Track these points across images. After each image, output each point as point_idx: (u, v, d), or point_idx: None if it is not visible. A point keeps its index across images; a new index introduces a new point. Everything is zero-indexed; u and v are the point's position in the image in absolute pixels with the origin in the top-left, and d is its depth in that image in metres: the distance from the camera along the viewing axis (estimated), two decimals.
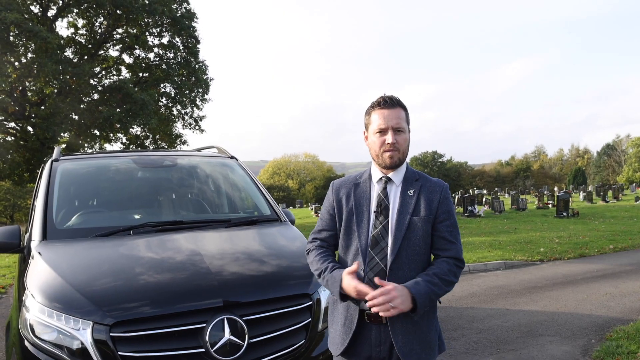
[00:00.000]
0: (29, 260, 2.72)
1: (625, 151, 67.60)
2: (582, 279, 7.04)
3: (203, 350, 2.18)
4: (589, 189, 31.82)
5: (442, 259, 1.82)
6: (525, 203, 21.02)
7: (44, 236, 2.90)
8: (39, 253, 2.69)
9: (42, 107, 16.49)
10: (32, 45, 14.87)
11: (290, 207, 43.14)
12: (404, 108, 1.85)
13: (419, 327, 1.79)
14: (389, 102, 1.81)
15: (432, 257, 1.89)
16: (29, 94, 16.89)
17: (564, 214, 16.78)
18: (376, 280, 1.69)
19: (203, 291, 2.34)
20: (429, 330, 1.83)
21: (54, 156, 3.71)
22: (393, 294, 1.64)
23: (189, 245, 2.81)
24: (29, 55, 15.54)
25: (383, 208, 1.82)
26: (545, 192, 30.56)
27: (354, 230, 1.84)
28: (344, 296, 1.79)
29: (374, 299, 1.65)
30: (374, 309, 1.66)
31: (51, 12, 17.06)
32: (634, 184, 42.61)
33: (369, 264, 1.79)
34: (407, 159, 1.93)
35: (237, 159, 4.27)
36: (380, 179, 1.87)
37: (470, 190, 42.47)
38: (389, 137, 1.79)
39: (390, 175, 1.86)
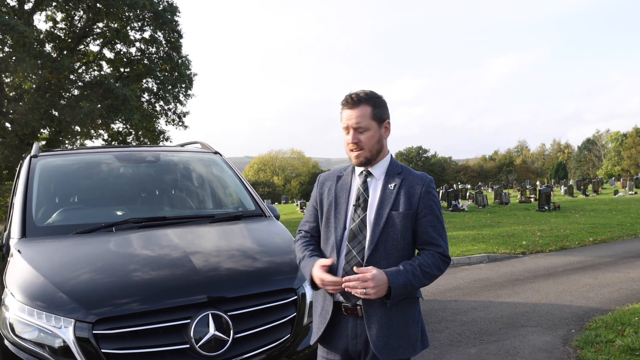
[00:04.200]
0: (8, 259, 2.66)
1: (605, 145, 69.17)
2: (562, 271, 7.20)
3: (188, 346, 2.17)
4: (570, 183, 32.48)
5: (429, 251, 1.80)
6: (508, 197, 21.34)
7: (24, 234, 2.84)
8: (18, 251, 2.64)
9: (21, 103, 16.07)
10: (9, 39, 14.45)
11: (276, 203, 43.03)
12: (372, 104, 1.78)
13: (396, 322, 1.77)
14: (351, 102, 1.78)
15: (417, 252, 1.87)
16: (7, 90, 16.46)
17: (546, 207, 17.10)
18: (355, 269, 1.72)
19: (187, 287, 2.33)
20: (407, 325, 1.80)
21: (33, 152, 3.63)
22: (369, 283, 1.65)
23: (173, 241, 2.78)
24: (6, 49, 15.12)
25: (362, 201, 1.82)
26: (528, 187, 31.07)
27: (332, 223, 1.85)
28: (314, 284, 1.82)
29: (350, 282, 1.68)
30: (347, 290, 1.70)
31: (28, 5, 16.60)
32: (613, 178, 43.62)
33: (347, 257, 1.79)
34: (392, 154, 1.93)
35: (220, 154, 4.24)
36: (362, 172, 1.87)
37: (455, 185, 42.97)
38: (349, 137, 1.80)
39: (370, 169, 1.86)
